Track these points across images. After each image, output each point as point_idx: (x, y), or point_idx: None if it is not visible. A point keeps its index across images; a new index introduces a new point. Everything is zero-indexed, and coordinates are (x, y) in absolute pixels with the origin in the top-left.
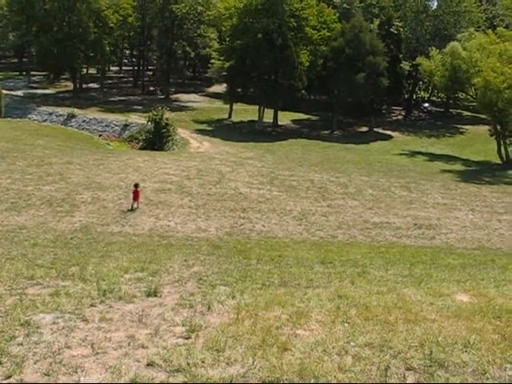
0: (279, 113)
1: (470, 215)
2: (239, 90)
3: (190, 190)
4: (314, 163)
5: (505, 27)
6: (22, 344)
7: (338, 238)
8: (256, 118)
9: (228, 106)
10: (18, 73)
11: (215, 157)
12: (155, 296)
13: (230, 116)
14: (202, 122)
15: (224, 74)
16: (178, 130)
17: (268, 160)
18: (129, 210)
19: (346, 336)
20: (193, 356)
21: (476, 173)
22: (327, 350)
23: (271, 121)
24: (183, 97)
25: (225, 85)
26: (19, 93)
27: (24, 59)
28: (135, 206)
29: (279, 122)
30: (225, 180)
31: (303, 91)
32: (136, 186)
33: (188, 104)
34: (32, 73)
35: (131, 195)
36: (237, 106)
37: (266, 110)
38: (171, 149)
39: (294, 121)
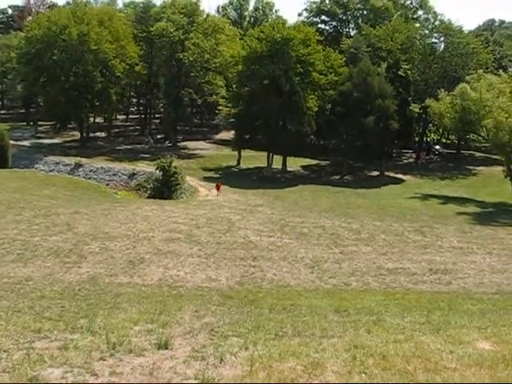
0: (288, 158)
1: (488, 258)
2: (247, 136)
3: (200, 239)
4: (325, 209)
5: None
6: None
7: (352, 286)
8: (265, 165)
9: (236, 153)
10: (25, 123)
11: (224, 204)
12: (166, 348)
13: (238, 163)
14: (211, 170)
15: (231, 120)
16: (186, 177)
17: (278, 207)
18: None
19: None
20: None
21: (491, 214)
22: None
23: (280, 167)
24: (191, 144)
25: (232, 131)
26: (26, 143)
27: (31, 109)
28: (218, 193)
29: (288, 168)
30: (234, 228)
31: (312, 136)
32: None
33: (196, 151)
34: (39, 123)
35: (215, 188)
36: (245, 153)
37: (274, 156)
38: (180, 197)
39: (303, 166)
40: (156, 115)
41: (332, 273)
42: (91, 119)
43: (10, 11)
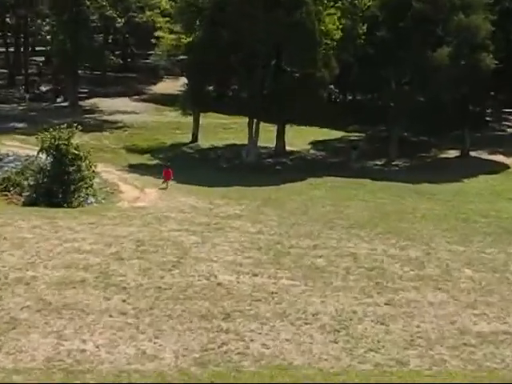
0: (287, 129)
1: None
2: (210, 88)
3: (124, 282)
4: (358, 222)
5: None
6: None
7: (411, 366)
8: (244, 141)
9: (190, 120)
10: None
11: (170, 216)
12: None
13: (194, 138)
14: (143, 152)
15: (181, 58)
16: (97, 166)
17: (270, 219)
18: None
19: None
20: None
21: None
22: None
23: (273, 145)
24: (105, 103)
25: (183, 79)
26: None
27: None
28: (166, 186)
29: (288, 147)
30: (189, 260)
31: (331, 87)
32: (167, 166)
33: (114, 117)
34: None
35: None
36: (208, 119)
37: (262, 124)
38: (85, 203)
39: (315, 143)
40: (37, 48)
41: (373, 342)
42: None
43: None
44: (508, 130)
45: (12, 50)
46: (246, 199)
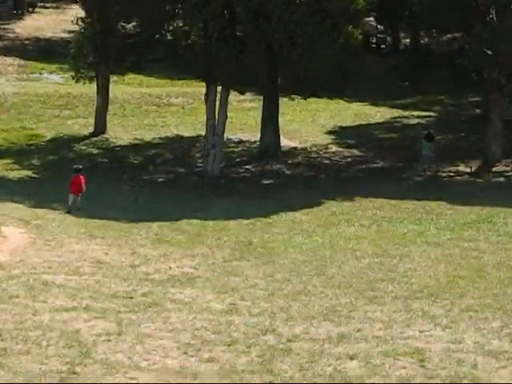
0: (284, 105)
1: None
2: (131, 26)
3: None
4: (426, 288)
5: None
6: None
7: None
8: (200, 132)
9: (91, 90)
10: None
11: (54, 281)
12: None
13: (100, 126)
14: None
15: None
16: None
17: (251, 285)
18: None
19: None
20: None
21: None
22: None
23: (256, 138)
24: None
25: (76, 10)
26: None
27: None
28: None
29: (285, 142)
30: (92, 367)
31: (371, 20)
32: (78, 170)
33: None
34: None
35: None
36: (125, 88)
37: (232, 96)
38: None
39: (338, 133)
40: None
41: None
42: None
43: None
44: None
45: None
46: (203, 245)
